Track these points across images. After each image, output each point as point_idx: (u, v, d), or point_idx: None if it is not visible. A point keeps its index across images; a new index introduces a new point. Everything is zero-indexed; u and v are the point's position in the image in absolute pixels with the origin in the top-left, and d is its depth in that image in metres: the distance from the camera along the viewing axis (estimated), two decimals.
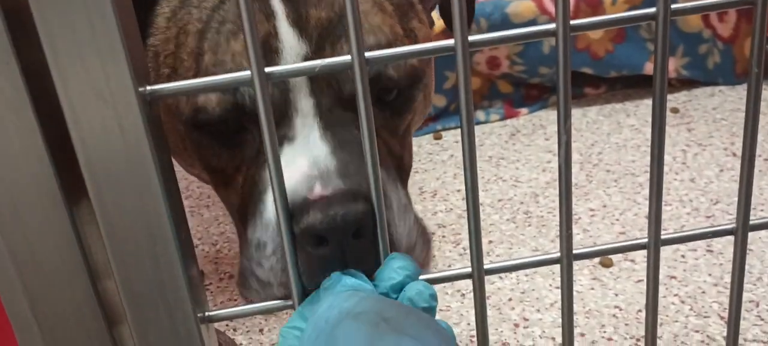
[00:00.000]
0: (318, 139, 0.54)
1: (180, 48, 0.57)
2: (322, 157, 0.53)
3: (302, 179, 0.52)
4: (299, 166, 0.53)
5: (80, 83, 0.29)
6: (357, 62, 0.31)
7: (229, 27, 0.54)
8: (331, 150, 0.53)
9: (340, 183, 0.51)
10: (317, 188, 0.51)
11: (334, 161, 0.53)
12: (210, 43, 0.54)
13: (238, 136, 0.57)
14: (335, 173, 0.52)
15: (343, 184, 0.51)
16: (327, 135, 0.54)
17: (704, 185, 1.13)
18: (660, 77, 0.35)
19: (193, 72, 0.55)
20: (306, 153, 0.53)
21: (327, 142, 0.54)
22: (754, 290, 0.91)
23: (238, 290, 0.58)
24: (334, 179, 0.52)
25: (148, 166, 0.29)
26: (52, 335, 0.35)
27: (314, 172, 0.52)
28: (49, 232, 0.31)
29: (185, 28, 0.57)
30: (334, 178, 0.52)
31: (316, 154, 0.53)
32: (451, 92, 1.39)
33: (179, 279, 0.32)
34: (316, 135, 0.54)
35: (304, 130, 0.54)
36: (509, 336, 0.88)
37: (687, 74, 1.42)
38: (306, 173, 0.52)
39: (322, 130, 0.54)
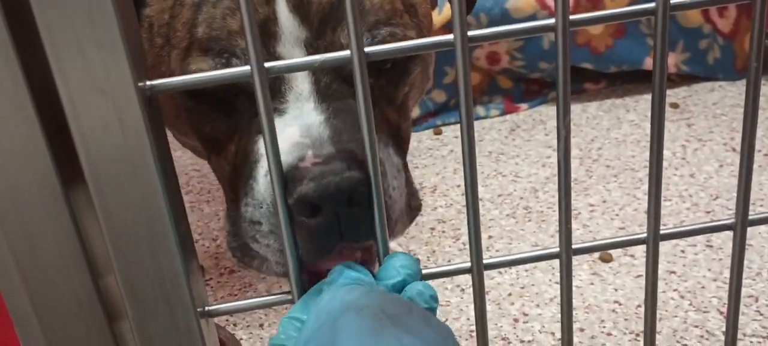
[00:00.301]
0: (311, 110, 0.53)
1: (175, 19, 0.56)
2: (314, 126, 0.52)
3: (293, 146, 0.51)
4: (289, 134, 0.52)
5: (80, 78, 0.29)
6: (356, 57, 0.31)
7: (226, 3, 0.54)
8: (325, 119, 0.52)
9: (332, 150, 0.50)
10: (309, 155, 0.50)
11: (328, 129, 0.51)
12: (205, 16, 0.54)
13: (232, 104, 0.56)
14: (328, 140, 0.51)
15: (336, 151, 0.50)
16: (321, 106, 0.53)
17: (704, 180, 1.14)
18: (659, 72, 0.35)
19: (186, 43, 0.54)
20: (298, 122, 0.52)
21: (320, 112, 0.52)
22: (754, 285, 0.91)
23: (230, 255, 0.57)
24: (326, 145, 0.50)
25: (148, 160, 0.30)
26: (52, 330, 0.35)
27: (306, 140, 0.51)
28: (49, 226, 0.31)
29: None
30: (326, 145, 0.50)
31: (308, 123, 0.52)
32: (451, 88, 1.39)
33: (179, 273, 0.32)
34: (310, 106, 0.53)
35: (297, 102, 0.53)
36: (509, 331, 0.88)
37: (687, 69, 1.42)
38: (297, 141, 0.51)
39: (316, 102, 0.53)
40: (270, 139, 0.32)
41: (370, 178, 0.36)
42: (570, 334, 0.43)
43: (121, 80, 0.29)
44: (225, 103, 0.56)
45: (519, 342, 0.86)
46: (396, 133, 0.61)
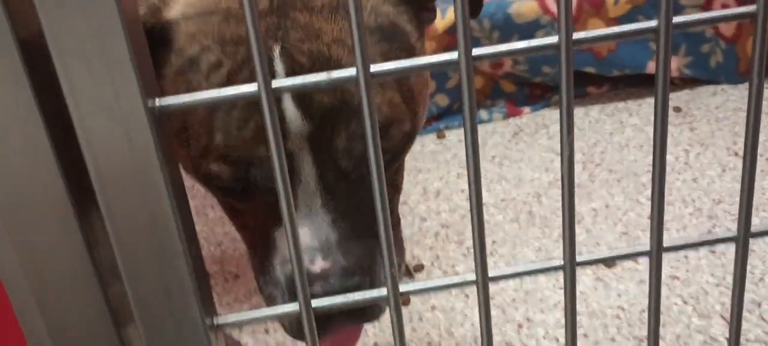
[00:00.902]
0: (319, 209, 0.58)
1: (189, 113, 0.58)
2: (323, 229, 0.58)
3: (304, 250, 0.57)
4: (302, 235, 0.57)
5: (90, 99, 0.29)
6: (362, 76, 0.31)
7: (237, 114, 0.56)
8: (332, 221, 0.58)
9: (339, 257, 0.57)
10: (318, 260, 0.57)
11: (335, 233, 0.58)
12: (220, 124, 0.58)
13: (249, 196, 0.61)
14: (335, 245, 0.57)
15: (343, 258, 0.57)
16: (330, 205, 0.58)
17: (706, 184, 1.14)
18: (662, 77, 0.35)
19: (204, 142, 0.58)
20: (308, 223, 0.58)
21: (328, 212, 0.58)
22: (757, 290, 0.91)
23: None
24: (334, 252, 0.57)
25: (157, 179, 0.30)
26: (59, 334, 0.35)
27: (315, 243, 0.58)
28: (59, 239, 0.32)
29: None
30: (334, 251, 0.57)
31: (317, 225, 0.58)
32: (454, 92, 1.39)
33: (188, 290, 0.32)
34: (318, 204, 0.58)
35: (306, 199, 0.58)
36: (513, 337, 0.88)
37: (689, 73, 1.42)
38: (308, 244, 0.58)
39: (324, 200, 0.58)
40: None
41: (369, 277, 0.39)
42: (574, 340, 0.43)
43: (130, 99, 0.30)
44: (243, 194, 0.60)
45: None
46: (391, 210, 0.67)
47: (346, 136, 0.57)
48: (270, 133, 0.31)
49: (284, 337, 0.93)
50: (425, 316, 0.93)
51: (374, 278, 0.59)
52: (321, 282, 0.56)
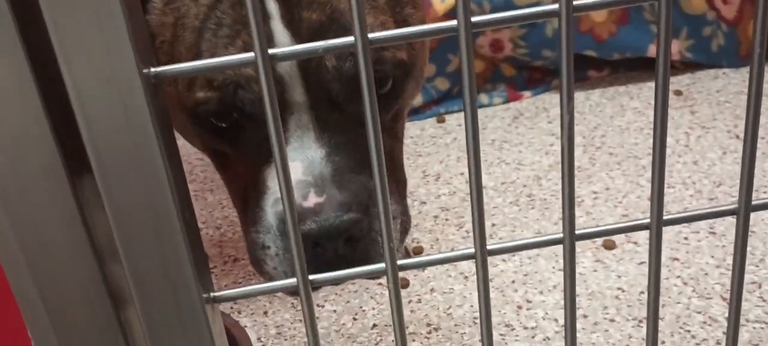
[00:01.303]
0: (312, 142, 0.55)
1: (177, 40, 0.57)
2: (316, 162, 0.55)
3: (296, 184, 0.54)
4: (293, 170, 0.54)
5: (84, 65, 0.29)
6: (360, 43, 0.31)
7: (225, 32, 0.55)
8: (326, 154, 0.55)
9: (334, 191, 0.54)
10: (311, 196, 0.54)
11: (329, 167, 0.55)
12: (207, 46, 0.55)
13: (238, 133, 0.58)
14: (329, 179, 0.54)
15: (337, 192, 0.54)
16: (322, 138, 0.56)
17: (707, 167, 1.13)
18: (663, 60, 0.35)
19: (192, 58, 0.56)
20: (301, 157, 0.55)
21: (322, 146, 0.55)
22: (757, 271, 0.91)
23: (253, 268, 0.61)
24: (328, 186, 0.54)
25: (153, 147, 0.30)
26: (58, 315, 0.35)
27: (308, 178, 0.54)
28: (54, 212, 0.31)
29: (183, 21, 0.57)
30: (328, 185, 0.54)
31: (310, 159, 0.55)
32: (454, 76, 1.39)
33: (184, 260, 0.32)
34: (311, 138, 0.55)
35: (299, 132, 0.56)
36: (512, 318, 0.88)
37: (690, 57, 1.41)
38: (300, 179, 0.54)
39: (317, 133, 0.56)
40: (277, 136, 0.32)
41: (366, 217, 0.39)
42: (573, 320, 0.43)
43: (126, 68, 0.30)
44: (232, 131, 0.58)
45: (522, 329, 0.86)
46: (390, 158, 0.63)
47: (335, 54, 0.54)
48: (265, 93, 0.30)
49: (283, 319, 0.93)
50: (424, 298, 0.93)
51: (372, 217, 0.56)
52: (314, 218, 0.53)
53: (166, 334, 0.36)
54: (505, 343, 0.84)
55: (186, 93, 0.56)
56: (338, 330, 0.90)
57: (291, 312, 0.94)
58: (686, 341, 0.82)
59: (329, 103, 0.56)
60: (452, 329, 0.88)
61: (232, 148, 0.60)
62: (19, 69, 0.30)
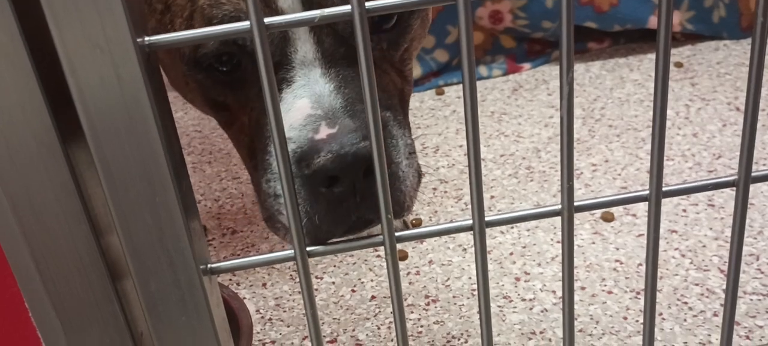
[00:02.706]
0: (319, 78, 0.53)
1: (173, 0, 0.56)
2: (325, 96, 0.52)
3: (306, 119, 0.51)
4: (301, 106, 0.52)
5: (77, 33, 0.28)
6: (357, 12, 0.30)
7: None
8: (335, 87, 0.52)
9: (347, 120, 0.50)
10: (323, 127, 0.50)
11: (339, 99, 0.52)
12: (202, 8, 0.53)
13: (240, 75, 0.56)
14: (341, 110, 0.51)
15: (350, 121, 0.50)
16: (329, 73, 0.53)
17: (707, 139, 1.13)
18: (664, 31, 0.34)
19: (188, 12, 0.54)
20: (308, 93, 0.52)
21: (330, 80, 0.53)
22: (755, 243, 0.91)
23: (268, 226, 0.59)
24: (340, 116, 0.51)
25: (147, 116, 0.29)
26: (54, 286, 0.35)
27: (318, 111, 0.51)
28: (49, 182, 0.31)
29: None
30: (340, 116, 0.51)
31: (318, 93, 0.52)
32: (454, 47, 1.38)
33: (180, 229, 0.32)
34: (318, 73, 0.53)
35: (304, 70, 0.53)
36: (510, 290, 0.88)
37: (692, 28, 1.40)
38: (309, 113, 0.51)
39: (323, 68, 0.53)
40: (272, 104, 0.31)
41: (383, 147, 0.36)
42: (571, 292, 0.43)
43: (119, 36, 0.29)
44: (233, 75, 0.56)
45: (520, 300, 0.87)
46: (400, 97, 0.61)
47: (337, 4, 0.50)
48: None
49: (282, 291, 0.93)
50: (423, 269, 0.93)
51: (390, 149, 0.53)
52: (328, 147, 0.49)
53: (163, 305, 0.36)
54: (503, 314, 0.85)
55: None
56: (337, 302, 0.90)
57: (290, 284, 0.94)
58: (683, 313, 0.82)
59: (335, 36, 0.54)
60: (450, 300, 0.88)
61: (235, 97, 0.58)
62: (12, 39, 0.29)
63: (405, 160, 0.55)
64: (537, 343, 0.81)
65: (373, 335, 0.84)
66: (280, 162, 0.33)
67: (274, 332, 0.87)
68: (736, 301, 0.45)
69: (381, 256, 0.96)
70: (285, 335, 0.86)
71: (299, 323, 0.88)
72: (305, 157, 0.49)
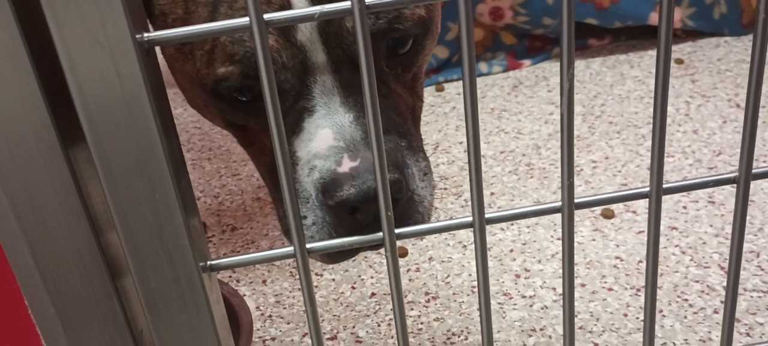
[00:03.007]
0: (339, 107, 0.54)
1: (190, 16, 0.56)
2: (346, 126, 0.54)
3: (329, 150, 0.53)
4: (324, 137, 0.54)
5: (76, 29, 0.28)
6: (357, 8, 0.30)
7: (241, 3, 0.53)
8: (355, 118, 0.54)
9: (368, 154, 0.52)
10: (346, 160, 0.53)
11: (359, 130, 0.54)
12: (223, 20, 0.54)
13: (261, 104, 0.57)
14: (362, 142, 0.53)
15: (371, 154, 0.52)
16: (349, 102, 0.54)
17: (707, 136, 1.13)
18: (665, 28, 0.34)
19: (209, 46, 0.55)
20: (329, 123, 0.54)
21: (349, 109, 0.54)
22: (755, 240, 0.91)
23: (287, 239, 0.61)
24: (361, 149, 0.53)
25: (146, 113, 0.29)
26: (54, 284, 0.35)
27: (340, 143, 0.53)
28: (49, 179, 0.31)
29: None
30: (361, 148, 0.53)
31: (340, 123, 0.54)
32: (454, 44, 1.38)
33: (179, 227, 0.32)
34: (337, 102, 0.54)
35: (324, 99, 0.55)
36: (510, 287, 0.88)
37: (692, 25, 1.40)
38: (332, 145, 0.53)
39: (342, 97, 0.55)
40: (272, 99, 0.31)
41: (403, 177, 0.37)
42: (571, 289, 0.43)
43: (119, 32, 0.29)
44: (254, 103, 0.57)
45: (520, 297, 0.87)
46: (413, 115, 0.63)
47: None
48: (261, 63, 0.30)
49: (282, 288, 0.93)
50: (423, 266, 0.93)
51: (408, 177, 0.55)
52: (351, 183, 0.52)
53: (163, 303, 0.36)
54: (504, 311, 0.85)
55: (206, 70, 0.56)
56: (337, 299, 0.90)
57: (290, 281, 0.94)
58: (684, 310, 0.82)
59: (351, 64, 0.55)
60: (450, 297, 0.88)
61: (256, 121, 0.59)
62: (11, 36, 0.29)
63: (420, 184, 0.57)
64: (537, 340, 0.81)
65: (373, 332, 0.84)
66: (281, 169, 0.33)
67: (274, 329, 0.87)
68: (736, 298, 0.45)
69: (381, 253, 0.96)
70: (285, 332, 0.86)
71: (299, 320, 0.88)
72: (328, 189, 0.53)
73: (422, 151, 0.60)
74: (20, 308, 0.57)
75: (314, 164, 0.54)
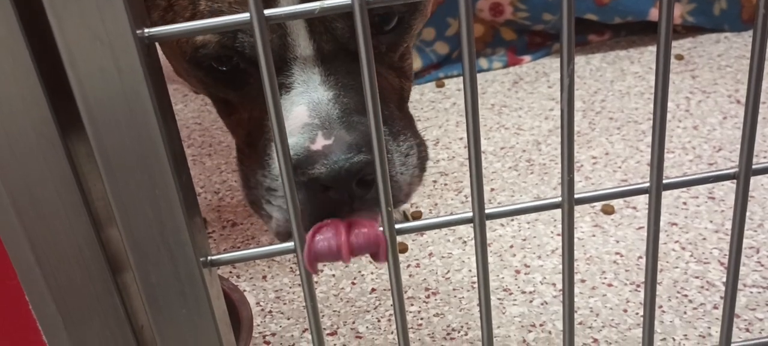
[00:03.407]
0: (318, 85, 0.53)
1: (172, 6, 0.56)
2: (323, 104, 0.53)
3: (303, 127, 0.52)
4: (299, 114, 0.53)
5: (76, 25, 0.28)
6: (357, 4, 0.30)
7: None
8: (333, 96, 0.53)
9: (342, 132, 0.51)
10: (319, 138, 0.51)
11: (336, 108, 0.52)
12: (207, 2, 0.54)
13: (240, 76, 0.57)
14: (337, 121, 0.52)
15: (346, 133, 0.51)
16: (329, 80, 0.53)
17: (707, 132, 1.13)
18: (665, 23, 0.34)
19: (189, 14, 0.55)
20: (306, 100, 0.53)
21: (328, 88, 0.53)
22: (755, 236, 0.91)
23: (250, 207, 0.60)
24: (336, 127, 0.52)
25: (147, 108, 0.29)
26: (55, 279, 0.35)
27: (315, 120, 0.52)
28: (49, 174, 0.31)
29: None
30: (336, 127, 0.52)
31: (316, 101, 0.53)
32: (454, 40, 1.38)
33: (180, 222, 0.32)
34: (317, 80, 0.53)
35: (303, 76, 0.54)
36: (510, 282, 0.88)
37: (693, 21, 1.40)
38: (306, 122, 0.52)
39: (323, 75, 0.54)
40: (273, 94, 0.31)
41: (383, 145, 0.37)
42: (571, 284, 0.43)
43: (119, 28, 0.29)
44: (233, 74, 0.56)
45: (520, 293, 0.87)
46: (399, 97, 0.61)
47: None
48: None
49: (282, 283, 0.93)
50: (423, 262, 0.93)
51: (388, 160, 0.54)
52: (322, 161, 0.50)
53: (163, 298, 0.36)
54: (503, 307, 0.85)
55: (185, 40, 0.55)
56: (337, 294, 0.90)
57: (290, 276, 0.94)
58: (683, 306, 0.82)
59: (334, 43, 0.54)
60: (450, 293, 0.88)
61: (235, 94, 0.58)
62: (11, 31, 0.29)
63: (400, 168, 0.56)
64: (537, 335, 0.81)
65: (373, 327, 0.85)
66: (281, 162, 0.33)
67: (274, 325, 0.87)
68: (736, 294, 0.45)
69: None
70: (285, 328, 0.86)
71: (299, 316, 0.88)
72: (301, 166, 0.51)
73: (407, 133, 0.59)
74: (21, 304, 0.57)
75: (288, 142, 0.53)
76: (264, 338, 0.85)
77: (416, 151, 0.58)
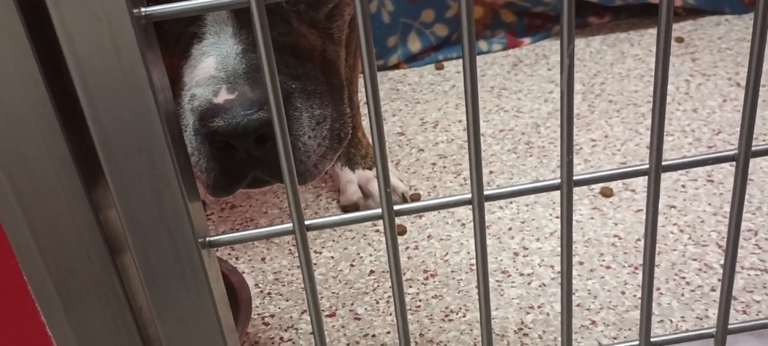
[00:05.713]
0: (229, 38, 0.53)
1: None
2: (230, 58, 0.52)
3: (208, 79, 0.52)
4: (207, 65, 0.53)
5: (73, 4, 0.28)
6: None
7: None
8: (241, 51, 0.52)
9: (245, 89, 0.51)
10: (222, 92, 0.51)
11: (243, 63, 0.52)
12: None
13: (156, 27, 0.56)
14: (243, 76, 0.52)
15: (250, 89, 0.51)
16: (240, 34, 0.53)
17: (707, 115, 1.13)
18: (666, 6, 0.34)
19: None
20: (215, 52, 0.53)
21: (239, 42, 0.53)
22: (753, 219, 0.91)
23: None
24: (240, 83, 0.52)
25: (145, 87, 0.29)
26: (54, 261, 0.35)
27: (221, 73, 0.52)
28: (48, 156, 0.31)
29: None
30: (241, 82, 0.52)
31: (225, 54, 0.53)
32: (453, 22, 1.37)
33: (179, 203, 0.32)
34: (228, 32, 0.53)
35: (216, 27, 0.53)
36: (509, 264, 0.89)
37: (693, 3, 1.39)
38: (212, 75, 0.52)
39: (235, 28, 0.53)
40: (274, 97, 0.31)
41: (284, 116, 0.37)
42: (569, 267, 0.43)
43: (116, 7, 0.29)
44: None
45: (518, 275, 0.87)
46: (322, 60, 0.59)
47: None
48: None
49: (281, 265, 0.93)
50: (421, 244, 0.93)
51: (289, 119, 0.53)
52: (223, 115, 0.51)
53: (162, 279, 0.36)
54: (502, 289, 0.85)
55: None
56: (336, 276, 0.90)
57: (289, 258, 0.94)
58: (681, 288, 0.83)
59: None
60: (449, 275, 0.88)
61: (161, 42, 0.58)
62: (7, 11, 0.29)
63: (309, 132, 0.55)
64: (535, 317, 0.81)
65: (372, 309, 0.85)
66: (282, 151, 0.33)
67: (273, 306, 0.87)
68: (733, 276, 0.45)
69: (380, 230, 0.97)
70: (284, 309, 0.86)
71: (298, 298, 0.88)
72: (203, 118, 0.51)
73: (324, 100, 0.57)
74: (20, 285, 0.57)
75: (194, 93, 0.53)
76: (263, 319, 0.86)
77: (329, 122, 0.57)
